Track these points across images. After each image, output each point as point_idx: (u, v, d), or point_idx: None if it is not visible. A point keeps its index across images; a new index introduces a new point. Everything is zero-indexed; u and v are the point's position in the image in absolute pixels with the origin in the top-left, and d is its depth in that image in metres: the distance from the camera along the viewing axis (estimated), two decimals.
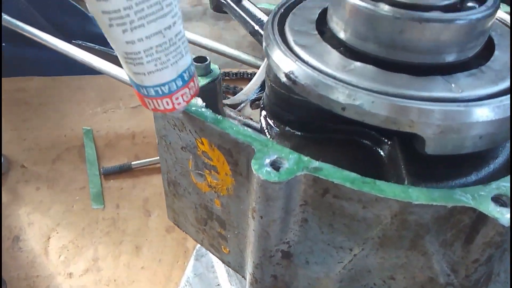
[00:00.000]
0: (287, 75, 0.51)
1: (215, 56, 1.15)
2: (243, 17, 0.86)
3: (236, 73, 1.99)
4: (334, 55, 0.52)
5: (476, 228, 0.45)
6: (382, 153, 0.58)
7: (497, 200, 0.45)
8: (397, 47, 0.49)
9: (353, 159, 0.59)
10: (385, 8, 0.48)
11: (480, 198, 0.44)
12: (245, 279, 0.66)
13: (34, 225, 1.28)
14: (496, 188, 0.46)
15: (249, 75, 2.01)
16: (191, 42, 1.17)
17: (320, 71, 0.50)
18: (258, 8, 0.89)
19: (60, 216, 1.31)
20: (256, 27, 0.82)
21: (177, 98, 0.51)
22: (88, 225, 1.29)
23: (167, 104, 0.51)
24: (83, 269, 1.18)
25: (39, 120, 1.61)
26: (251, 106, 0.89)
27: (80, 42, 1.17)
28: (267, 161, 0.48)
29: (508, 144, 0.59)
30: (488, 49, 0.56)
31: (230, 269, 0.83)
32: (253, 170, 0.47)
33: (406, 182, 0.52)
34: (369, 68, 0.49)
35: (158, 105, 0.51)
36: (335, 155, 0.60)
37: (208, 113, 0.56)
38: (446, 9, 0.50)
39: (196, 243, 0.78)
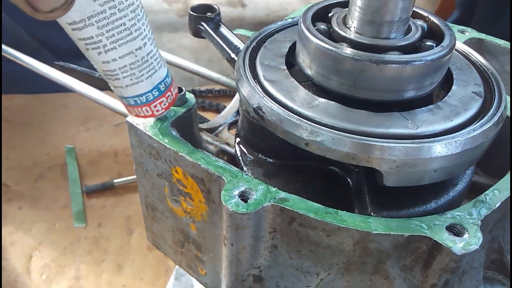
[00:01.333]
0: (255, 110, 0.54)
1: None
2: (220, 44, 0.88)
3: (219, 91, 2.01)
4: (300, 91, 0.55)
5: (432, 255, 0.48)
6: (350, 180, 0.61)
7: (452, 229, 0.48)
8: (358, 86, 0.52)
9: (323, 186, 0.61)
10: (346, 50, 0.51)
11: (435, 228, 0.47)
12: None
13: (16, 244, 1.29)
14: (451, 217, 0.49)
15: (231, 92, 2.03)
16: (171, 64, 1.19)
17: (286, 107, 0.53)
18: (234, 34, 0.91)
19: (42, 235, 1.32)
20: (233, 55, 0.84)
21: (155, 106, 0.58)
22: (70, 244, 1.30)
23: (147, 111, 0.58)
24: (65, 287, 1.19)
25: (21, 138, 1.61)
26: (228, 129, 0.92)
27: (62, 64, 1.18)
28: (236, 192, 0.50)
29: (468, 172, 0.62)
30: (448, 82, 0.59)
31: None
32: (223, 202, 0.49)
33: (369, 210, 0.55)
34: (332, 104, 0.52)
35: (139, 112, 0.58)
36: (305, 182, 0.62)
37: (182, 144, 0.58)
38: (405, 49, 0.53)
39: None
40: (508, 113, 0.62)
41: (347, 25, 0.56)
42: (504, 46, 0.87)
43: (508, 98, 0.66)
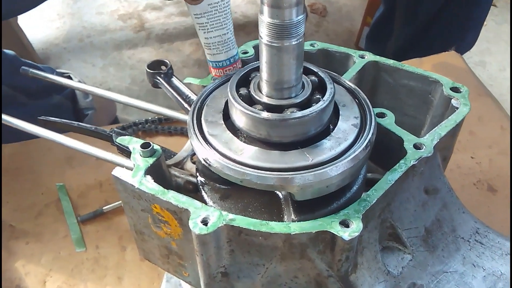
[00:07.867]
0: (204, 160, 0.71)
1: None
2: (175, 96, 1.03)
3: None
4: (235, 141, 0.71)
5: (334, 241, 0.67)
6: (281, 197, 0.77)
7: (344, 222, 0.66)
8: (271, 135, 0.68)
9: (262, 202, 0.77)
10: (259, 113, 0.68)
11: (332, 224, 0.66)
12: None
13: (31, 274, 1.41)
14: (343, 215, 0.67)
15: None
16: (134, 106, 1.32)
17: (225, 156, 0.70)
18: (184, 84, 1.06)
19: (51, 263, 1.44)
20: (185, 105, 0.98)
21: (226, 71, 0.92)
22: (75, 266, 1.43)
23: (220, 73, 0.92)
24: None
25: (17, 183, 1.72)
26: (191, 160, 1.07)
27: (44, 118, 1.26)
28: (199, 220, 0.67)
29: (360, 176, 0.81)
30: (336, 118, 0.76)
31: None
32: (190, 228, 0.67)
33: (293, 216, 0.73)
34: (255, 149, 0.69)
35: (216, 72, 0.93)
36: (250, 200, 0.78)
37: (156, 188, 0.74)
38: (301, 104, 0.70)
39: None
40: None
41: (260, 90, 0.73)
42: (393, 65, 1.03)
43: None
